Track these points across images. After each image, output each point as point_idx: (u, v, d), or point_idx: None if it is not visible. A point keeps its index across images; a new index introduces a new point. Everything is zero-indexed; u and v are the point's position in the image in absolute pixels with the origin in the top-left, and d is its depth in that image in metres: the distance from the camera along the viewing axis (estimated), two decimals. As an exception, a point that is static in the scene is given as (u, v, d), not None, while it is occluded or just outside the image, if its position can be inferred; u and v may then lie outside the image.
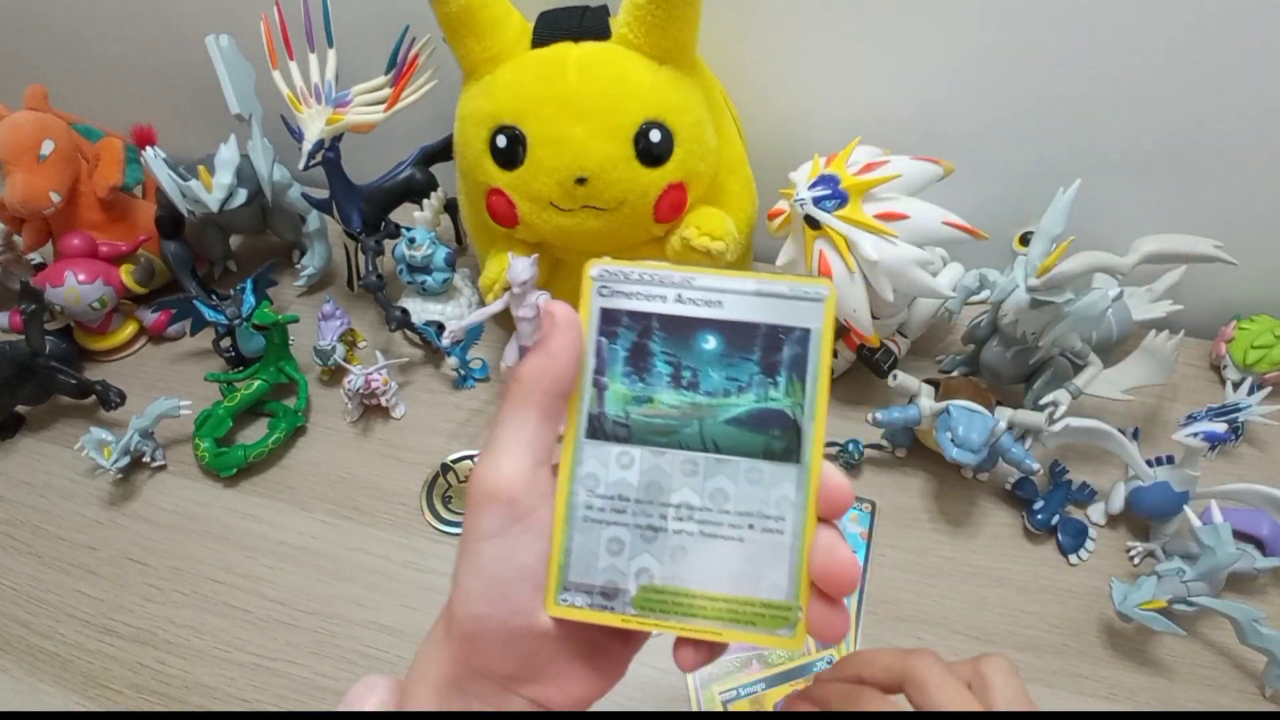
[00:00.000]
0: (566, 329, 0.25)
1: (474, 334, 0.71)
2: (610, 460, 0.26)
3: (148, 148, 0.70)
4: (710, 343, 0.26)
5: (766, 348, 0.26)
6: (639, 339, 0.26)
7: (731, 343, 0.26)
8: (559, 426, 0.26)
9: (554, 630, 0.25)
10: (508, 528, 0.24)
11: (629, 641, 0.28)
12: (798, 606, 0.25)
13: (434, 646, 0.27)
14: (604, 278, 0.27)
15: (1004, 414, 0.56)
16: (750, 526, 0.26)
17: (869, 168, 0.56)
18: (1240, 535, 0.53)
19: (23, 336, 0.66)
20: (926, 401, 0.58)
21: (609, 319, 0.26)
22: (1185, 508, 0.53)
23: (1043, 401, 0.59)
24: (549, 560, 0.26)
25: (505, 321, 0.63)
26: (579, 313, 0.26)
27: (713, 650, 0.26)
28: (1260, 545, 0.54)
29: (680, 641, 0.26)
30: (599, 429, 0.26)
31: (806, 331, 0.26)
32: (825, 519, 0.26)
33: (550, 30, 0.58)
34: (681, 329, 0.26)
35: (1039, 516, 0.58)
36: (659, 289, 0.26)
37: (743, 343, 0.26)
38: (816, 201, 0.56)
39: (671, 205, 0.60)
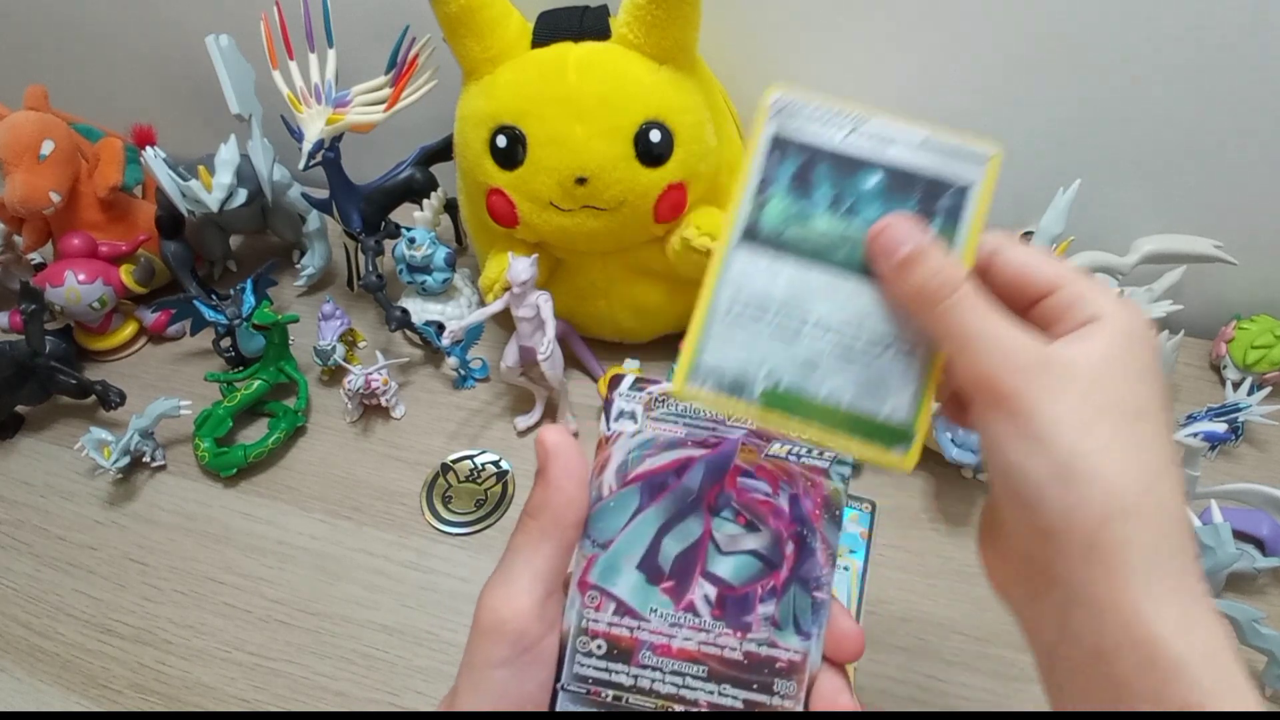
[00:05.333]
0: (561, 457, 0.25)
1: (474, 334, 0.71)
2: (759, 268, 0.27)
3: (148, 148, 0.70)
4: (872, 181, 0.27)
5: (925, 196, 0.26)
6: (805, 164, 0.27)
7: (892, 185, 0.27)
8: (572, 553, 0.26)
9: None
10: (515, 659, 0.24)
11: None
12: (915, 429, 0.26)
13: None
14: (780, 104, 0.27)
15: (1004, 414, 0.56)
16: (883, 350, 0.26)
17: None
18: (1240, 535, 0.53)
19: (23, 336, 0.66)
20: (926, 401, 0.58)
21: (780, 143, 0.27)
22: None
23: (1043, 401, 0.59)
24: (683, 348, 0.26)
25: (505, 321, 0.63)
26: (752, 133, 0.27)
27: None
28: (1260, 545, 0.54)
29: None
30: (753, 238, 0.27)
31: (965, 188, 0.26)
32: (834, 662, 0.26)
33: (550, 30, 0.58)
34: (847, 163, 0.27)
35: (1039, 516, 0.57)
36: (832, 124, 0.27)
37: (903, 187, 0.26)
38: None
39: (671, 205, 0.60)
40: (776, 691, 0.25)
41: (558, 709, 0.25)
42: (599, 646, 0.26)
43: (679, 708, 0.25)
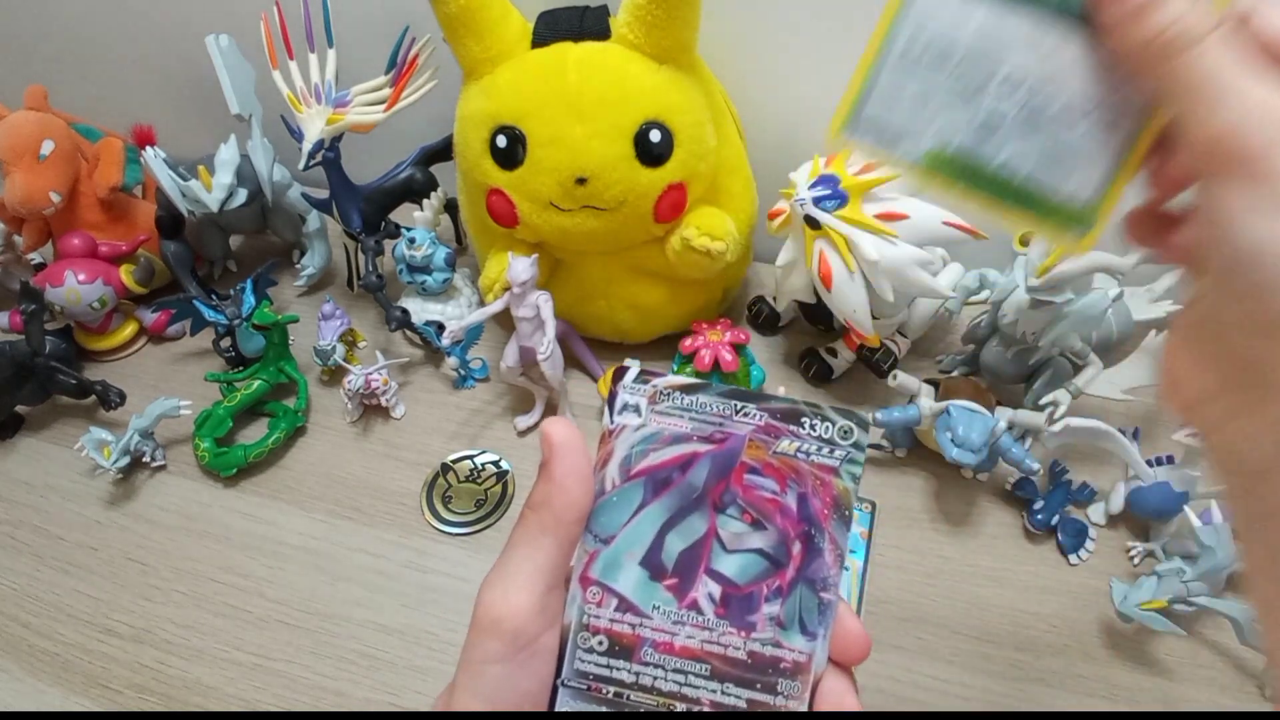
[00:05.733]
0: (566, 453, 0.24)
1: (474, 334, 0.71)
2: (948, 6, 0.23)
3: (148, 148, 0.70)
4: None
5: None
6: None
7: None
8: (574, 549, 0.25)
9: None
10: (513, 655, 0.24)
11: None
12: (1099, 213, 0.24)
13: None
14: None
15: (1004, 414, 0.56)
16: (1080, 117, 0.23)
17: (869, 168, 0.57)
18: (1240, 535, 0.53)
19: (23, 336, 0.66)
20: (926, 401, 0.58)
21: None
22: (1185, 508, 0.53)
23: (1043, 401, 0.59)
24: (845, 92, 0.24)
25: (505, 321, 0.63)
26: None
27: None
28: (1260, 545, 0.54)
29: None
30: None
31: None
32: (840, 664, 0.25)
33: (550, 30, 0.58)
34: None
35: (1039, 516, 0.58)
36: None
37: None
38: (817, 201, 0.56)
39: (671, 205, 0.60)
40: (780, 692, 0.25)
41: (558, 705, 0.25)
42: (600, 643, 0.25)
43: (681, 706, 0.25)
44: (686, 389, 0.26)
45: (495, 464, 0.65)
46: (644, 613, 0.25)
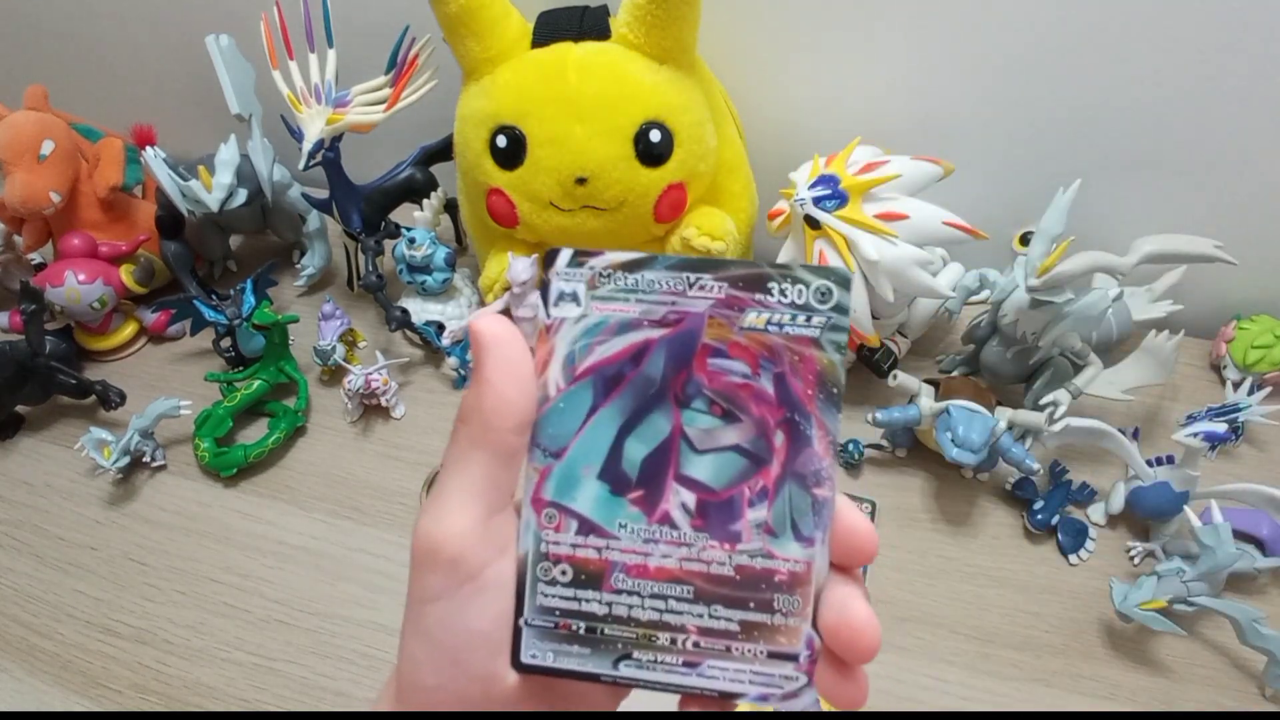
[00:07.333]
0: (494, 348, 0.21)
1: (474, 334, 0.70)
2: None
3: (148, 148, 0.70)
4: None
5: None
6: None
7: None
8: (516, 463, 0.22)
9: (517, 692, 0.22)
10: (455, 589, 0.21)
11: (614, 694, 0.24)
12: None
13: (385, 707, 0.23)
14: None
15: (1004, 414, 0.56)
16: None
17: (869, 168, 0.57)
18: (1240, 535, 0.53)
19: (23, 336, 0.66)
20: (926, 401, 0.58)
21: None
22: (1185, 508, 0.53)
23: (1043, 401, 0.59)
24: None
25: (505, 321, 0.63)
26: None
27: None
28: (1260, 545, 0.54)
29: None
30: None
31: None
32: (844, 567, 0.22)
33: (550, 30, 0.58)
34: None
35: (1039, 516, 0.58)
36: None
37: None
38: (816, 201, 0.56)
39: (671, 205, 0.60)
40: (778, 609, 0.22)
41: (523, 648, 0.22)
42: (563, 572, 0.22)
43: (663, 636, 0.22)
44: (629, 266, 0.22)
45: (495, 464, 0.65)
46: (609, 533, 0.22)
